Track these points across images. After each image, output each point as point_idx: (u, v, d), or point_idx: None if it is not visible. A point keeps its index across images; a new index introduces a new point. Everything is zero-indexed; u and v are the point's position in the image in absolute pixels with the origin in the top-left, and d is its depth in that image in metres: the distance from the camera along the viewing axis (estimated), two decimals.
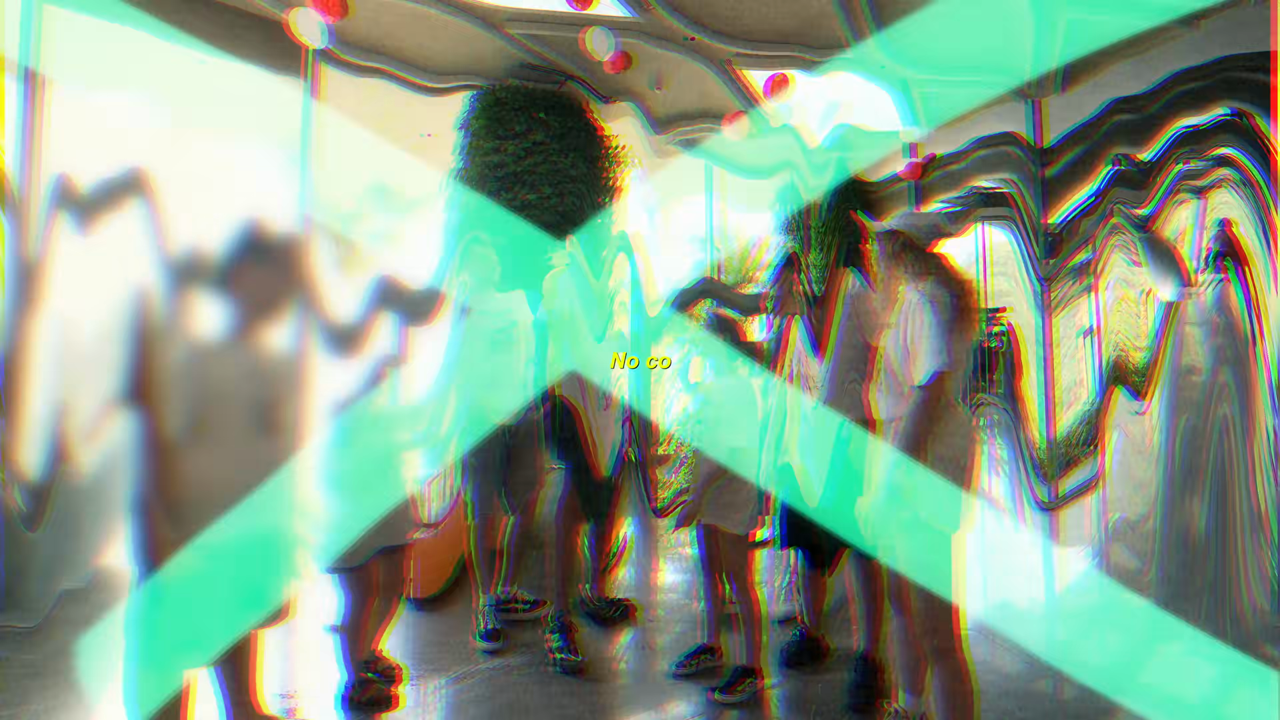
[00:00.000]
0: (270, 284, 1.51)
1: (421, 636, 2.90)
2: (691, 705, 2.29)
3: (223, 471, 1.41)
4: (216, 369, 1.43)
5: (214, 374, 1.42)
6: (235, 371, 1.45)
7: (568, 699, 2.32)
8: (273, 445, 1.51)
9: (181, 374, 1.38)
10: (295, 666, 2.64)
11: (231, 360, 1.46)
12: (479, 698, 2.34)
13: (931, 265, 1.68)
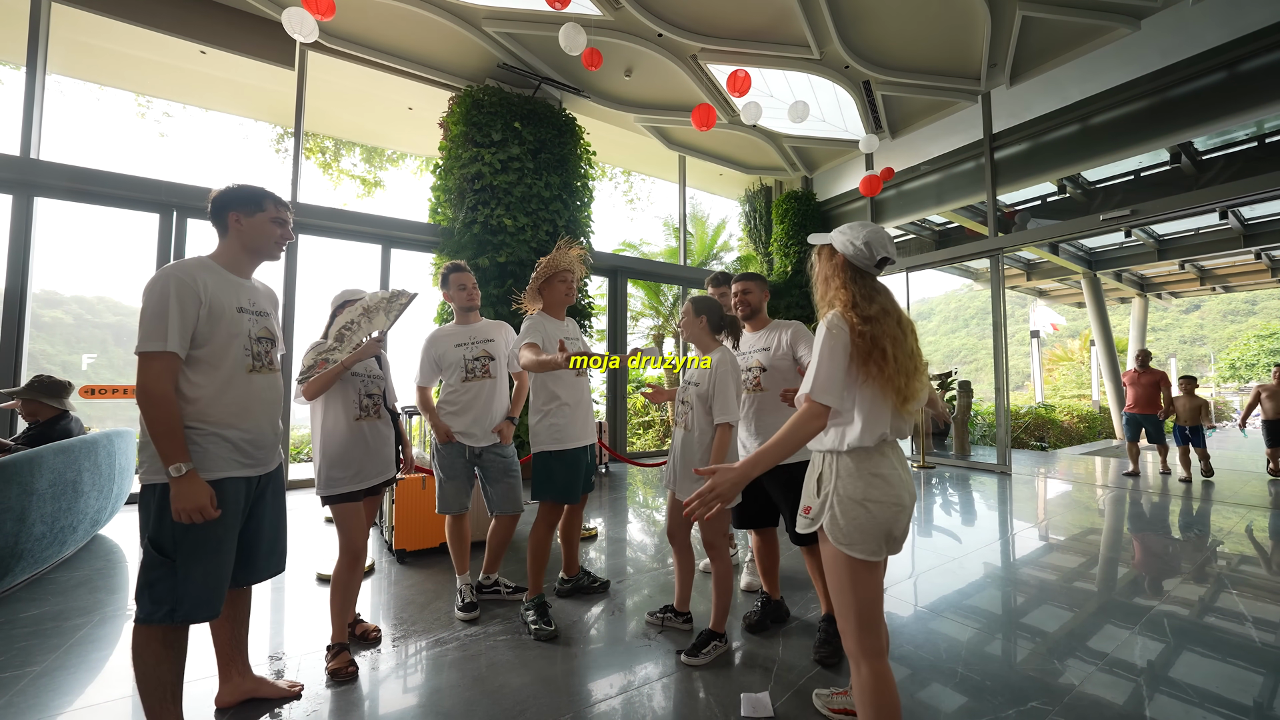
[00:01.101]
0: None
1: (404, 596, 3.09)
2: (660, 667, 2.52)
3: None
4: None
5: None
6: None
7: (542, 661, 2.54)
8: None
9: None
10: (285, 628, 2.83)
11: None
12: (455, 660, 2.54)
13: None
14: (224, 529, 1.83)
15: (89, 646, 2.66)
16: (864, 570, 1.64)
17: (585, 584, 3.38)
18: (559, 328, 3.02)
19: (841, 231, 1.80)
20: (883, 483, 1.66)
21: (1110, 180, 8.59)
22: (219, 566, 1.82)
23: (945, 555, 4.10)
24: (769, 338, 2.82)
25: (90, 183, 5.36)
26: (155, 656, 1.78)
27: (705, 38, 6.93)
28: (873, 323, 1.67)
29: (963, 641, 2.77)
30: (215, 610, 1.81)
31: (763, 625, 2.87)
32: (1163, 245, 12.25)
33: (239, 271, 2.01)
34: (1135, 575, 3.73)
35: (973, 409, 10.81)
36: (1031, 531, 4.76)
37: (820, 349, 1.66)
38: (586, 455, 3.06)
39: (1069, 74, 7.16)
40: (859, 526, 1.63)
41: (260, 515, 2.03)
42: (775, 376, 2.75)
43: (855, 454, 1.68)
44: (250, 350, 1.93)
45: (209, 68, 6.67)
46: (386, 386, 2.84)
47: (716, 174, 10.88)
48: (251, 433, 1.92)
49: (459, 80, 7.35)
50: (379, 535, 4.51)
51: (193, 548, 1.77)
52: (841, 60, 7.26)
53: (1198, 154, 7.54)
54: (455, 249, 6.69)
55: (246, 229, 1.98)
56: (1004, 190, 8.07)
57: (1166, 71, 6.35)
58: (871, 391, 1.67)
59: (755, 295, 2.93)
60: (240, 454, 1.89)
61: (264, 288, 2.14)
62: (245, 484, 1.93)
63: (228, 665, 2.15)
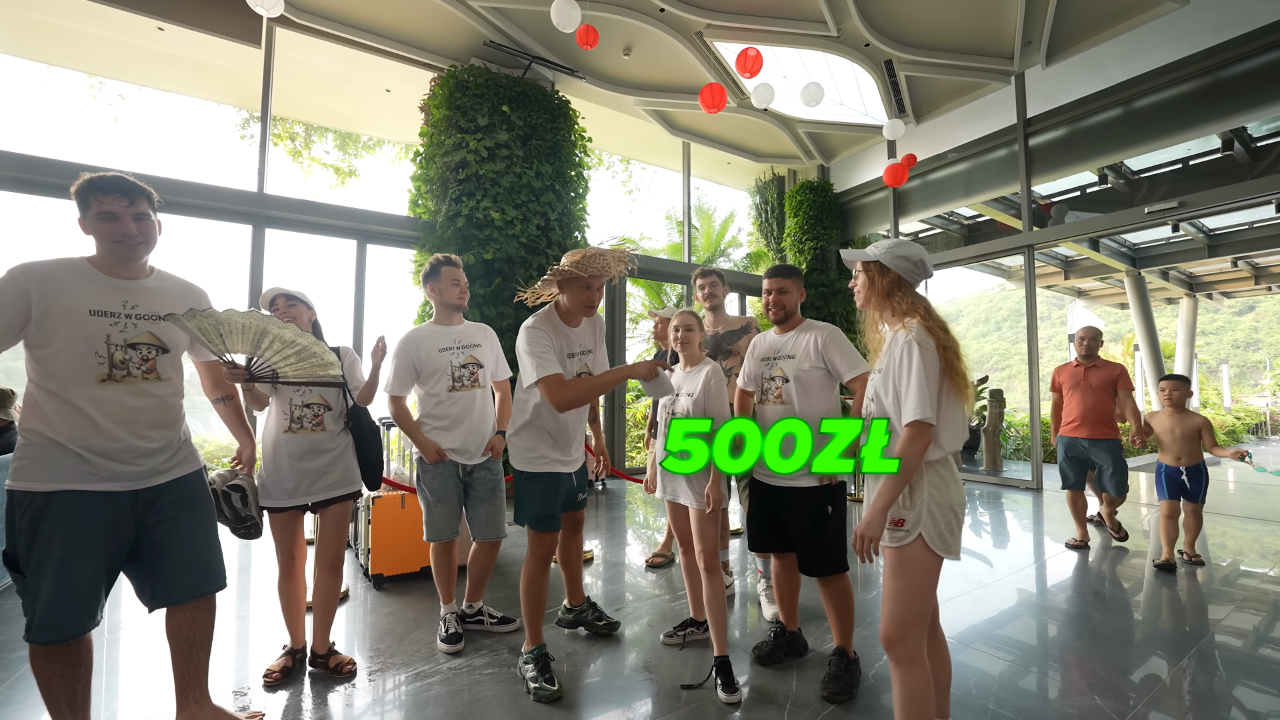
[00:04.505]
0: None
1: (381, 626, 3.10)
2: (657, 704, 2.53)
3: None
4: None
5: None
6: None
7: (525, 699, 2.54)
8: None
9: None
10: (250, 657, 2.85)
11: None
12: (438, 696, 2.55)
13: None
14: (64, 548, 1.83)
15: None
16: (940, 571, 1.92)
17: (590, 619, 3.23)
18: (568, 338, 2.76)
19: (889, 250, 2.04)
20: (960, 487, 1.95)
21: (1156, 169, 8.65)
22: (62, 588, 1.82)
23: (975, 580, 4.12)
24: (796, 342, 2.73)
25: (37, 172, 5.38)
26: (40, 670, 1.86)
27: (712, 13, 6.98)
28: (949, 333, 1.95)
29: (994, 675, 2.78)
30: (63, 633, 1.83)
31: (775, 657, 2.88)
32: (1213, 241, 12.30)
33: (116, 273, 2.01)
34: (1180, 602, 3.75)
35: (1005, 420, 10.80)
36: (1068, 555, 4.77)
37: (914, 367, 1.86)
38: (572, 477, 2.86)
39: (1110, 52, 7.21)
40: (953, 530, 1.90)
41: (159, 531, 2.03)
42: (801, 391, 2.68)
43: (944, 462, 1.93)
44: (106, 357, 1.92)
45: (167, 45, 6.72)
46: (351, 391, 2.85)
47: (724, 162, 10.94)
48: (99, 444, 1.90)
49: (441, 59, 7.40)
50: (353, 559, 4.52)
51: (37, 566, 1.81)
52: (861, 38, 7.32)
53: (1252, 140, 7.59)
54: (438, 244, 6.72)
55: (91, 230, 2.00)
56: (1039, 180, 8.12)
57: (1218, 50, 6.40)
58: (954, 400, 1.92)
59: (793, 296, 2.83)
60: (87, 466, 1.88)
61: (178, 288, 2.16)
62: (103, 499, 1.90)
63: (183, 693, 2.17)
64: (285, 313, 2.82)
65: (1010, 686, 2.68)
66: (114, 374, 1.93)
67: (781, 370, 2.73)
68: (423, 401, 3.16)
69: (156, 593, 2.06)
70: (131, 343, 1.97)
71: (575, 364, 2.76)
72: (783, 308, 2.81)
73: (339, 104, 8.63)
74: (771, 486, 2.76)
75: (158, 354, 2.04)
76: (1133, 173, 8.84)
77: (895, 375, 1.92)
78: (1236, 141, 7.55)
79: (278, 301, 2.85)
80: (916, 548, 1.87)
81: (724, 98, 6.20)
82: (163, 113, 8.18)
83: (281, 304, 2.85)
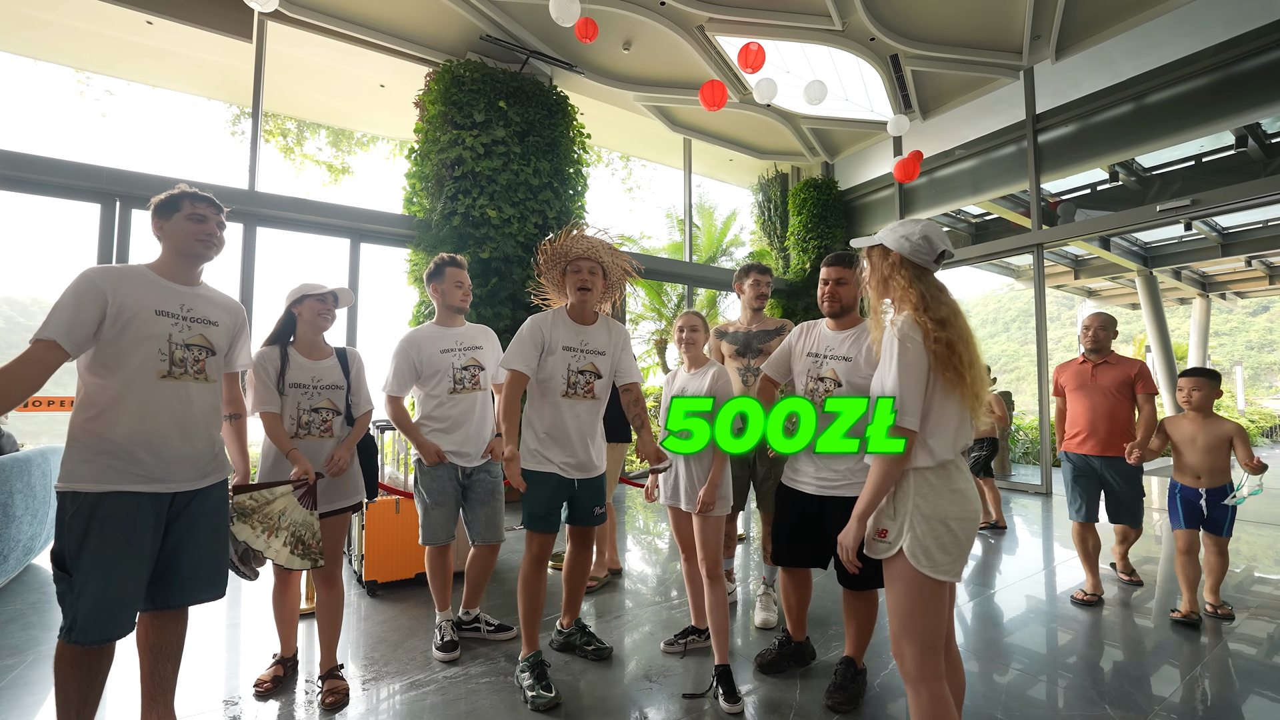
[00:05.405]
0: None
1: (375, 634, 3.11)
2: (657, 714, 2.54)
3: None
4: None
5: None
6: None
7: (523, 708, 2.55)
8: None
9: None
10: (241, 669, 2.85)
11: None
12: (434, 705, 2.56)
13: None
14: (113, 547, 1.89)
15: (22, 690, 2.68)
16: (938, 592, 1.72)
17: (579, 643, 3.09)
18: (574, 333, 2.76)
19: (892, 230, 1.86)
20: (962, 498, 1.74)
21: (1168, 166, 8.65)
22: (110, 588, 1.88)
23: (983, 588, 4.12)
24: (856, 345, 2.52)
25: (22, 169, 5.38)
26: (62, 675, 1.89)
27: (713, 6, 7.00)
28: (946, 325, 1.73)
29: (1002, 684, 2.79)
30: (108, 634, 1.88)
31: (779, 666, 2.89)
32: (1227, 239, 12.30)
33: (176, 278, 2.18)
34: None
35: (1013, 422, 10.80)
36: (1077, 562, 4.76)
37: (893, 366, 1.72)
38: (574, 484, 2.79)
39: (1121, 47, 7.23)
40: (942, 546, 1.70)
41: (179, 536, 2.08)
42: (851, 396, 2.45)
43: (937, 469, 1.74)
44: (168, 354, 2.06)
45: (156, 40, 6.74)
46: (354, 400, 2.81)
47: (726, 159, 10.96)
48: (151, 442, 1.98)
49: (437, 54, 7.41)
50: (347, 565, 4.52)
51: (87, 565, 1.86)
52: (866, 32, 7.34)
53: (1266, 137, 7.59)
54: (433, 243, 6.73)
55: (169, 233, 2.17)
56: (1049, 178, 8.14)
57: (1231, 44, 6.42)
58: (952, 401, 1.74)
59: (852, 289, 2.58)
60: (138, 466, 1.95)
61: (223, 299, 2.31)
62: (149, 501, 1.98)
63: (148, 703, 2.18)
64: (313, 323, 2.72)
65: (1019, 696, 2.68)
66: (173, 371, 2.07)
67: (834, 372, 2.51)
68: (423, 403, 3.17)
69: (157, 596, 2.08)
70: (187, 343, 2.13)
71: (577, 359, 2.76)
72: (839, 300, 2.58)
73: (332, 100, 8.65)
74: (808, 495, 2.59)
75: (207, 355, 2.18)
76: (1144, 170, 8.84)
77: (880, 374, 1.82)
78: (1250, 138, 7.55)
79: (306, 304, 2.73)
80: (900, 563, 1.74)
81: (724, 96, 6.21)
82: (152, 108, 8.20)
83: (311, 308, 2.73)
